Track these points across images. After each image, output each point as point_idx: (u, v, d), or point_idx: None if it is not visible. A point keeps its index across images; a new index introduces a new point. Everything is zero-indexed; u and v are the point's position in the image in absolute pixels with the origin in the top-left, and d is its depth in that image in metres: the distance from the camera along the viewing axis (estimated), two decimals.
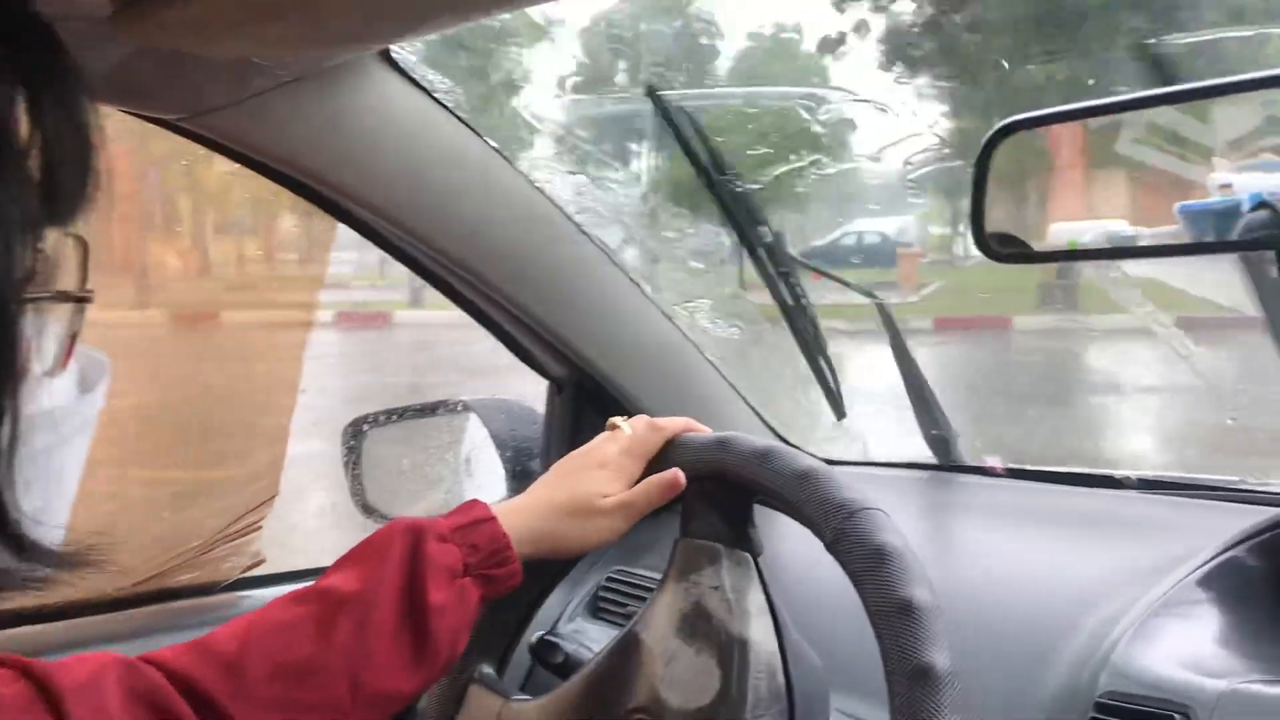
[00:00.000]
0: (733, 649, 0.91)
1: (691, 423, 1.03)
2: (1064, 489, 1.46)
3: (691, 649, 0.93)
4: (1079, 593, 1.14)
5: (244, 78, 1.11)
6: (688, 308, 1.61)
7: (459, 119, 1.30)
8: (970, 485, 1.53)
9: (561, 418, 1.59)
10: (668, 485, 0.98)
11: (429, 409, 1.64)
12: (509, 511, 0.95)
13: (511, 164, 1.36)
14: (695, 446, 0.99)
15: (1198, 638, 1.04)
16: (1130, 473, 1.40)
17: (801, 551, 0.95)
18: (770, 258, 1.51)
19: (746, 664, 0.90)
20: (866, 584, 0.81)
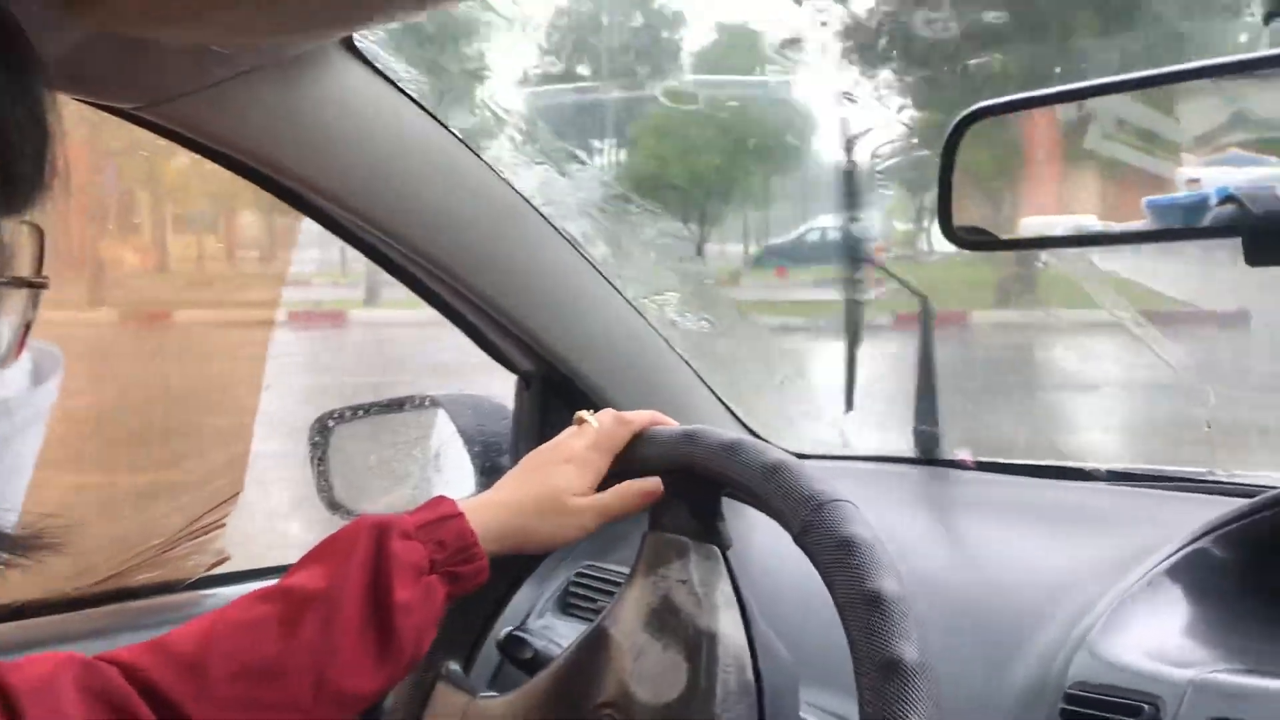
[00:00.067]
0: (701, 643, 0.90)
1: (658, 416, 1.02)
2: (1033, 481, 1.47)
3: (660, 643, 0.92)
4: (1048, 584, 1.14)
5: (203, 66, 1.09)
6: (656, 301, 1.60)
7: (424, 109, 1.28)
8: (940, 479, 1.53)
9: (530, 412, 1.58)
10: (645, 493, 0.97)
11: (395, 404, 1.62)
12: (476, 508, 0.94)
13: (477, 155, 1.34)
14: (662, 440, 0.98)
15: (1166, 628, 1.04)
16: (1099, 465, 1.41)
17: (771, 545, 0.95)
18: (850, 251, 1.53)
19: (715, 658, 0.89)
20: (835, 576, 0.80)
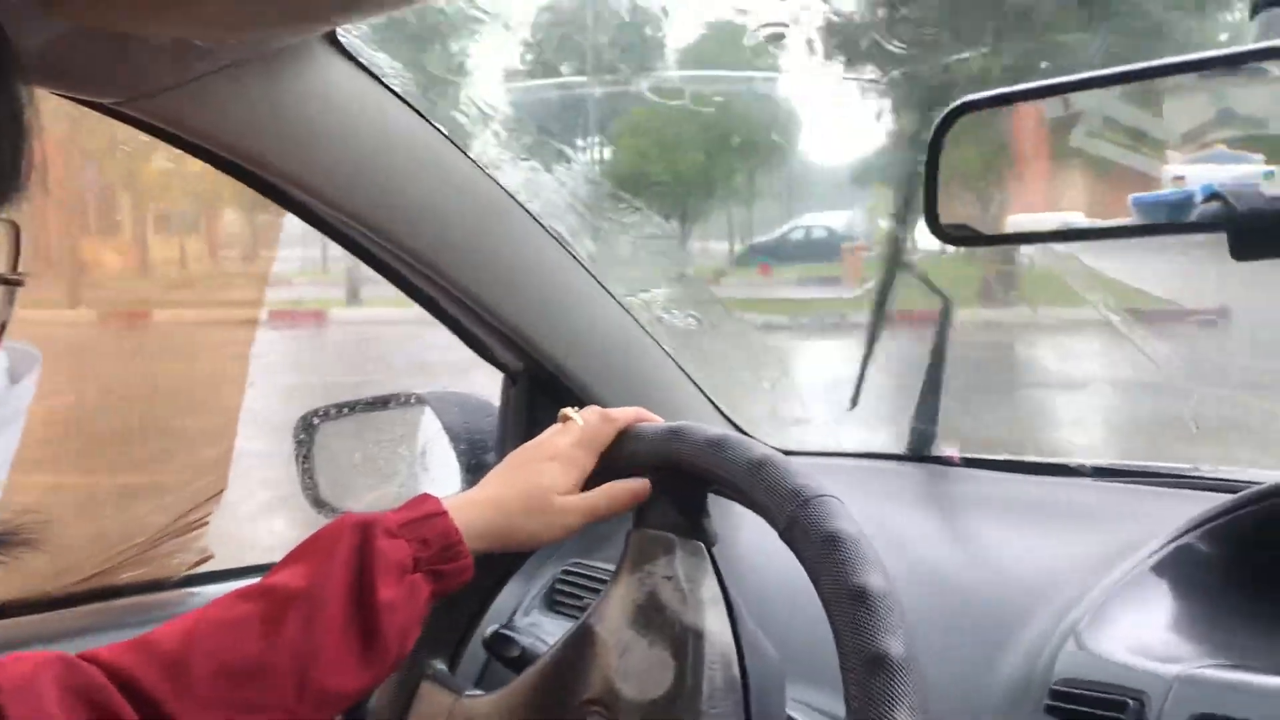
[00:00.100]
0: (687, 640, 0.90)
1: (643, 413, 1.02)
2: (1019, 478, 1.47)
3: (646, 640, 0.91)
4: (1034, 580, 1.14)
5: (184, 60, 1.08)
6: (643, 297, 1.60)
7: (408, 104, 1.27)
8: (927, 475, 1.53)
9: (516, 409, 1.57)
10: (632, 493, 0.96)
11: (381, 402, 1.61)
12: (460, 506, 0.93)
13: (463, 150, 1.33)
14: (648, 437, 0.98)
15: (1152, 624, 1.04)
16: (1085, 461, 1.41)
17: (757, 541, 0.94)
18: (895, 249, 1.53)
19: (701, 654, 0.89)
20: (820, 571, 0.80)
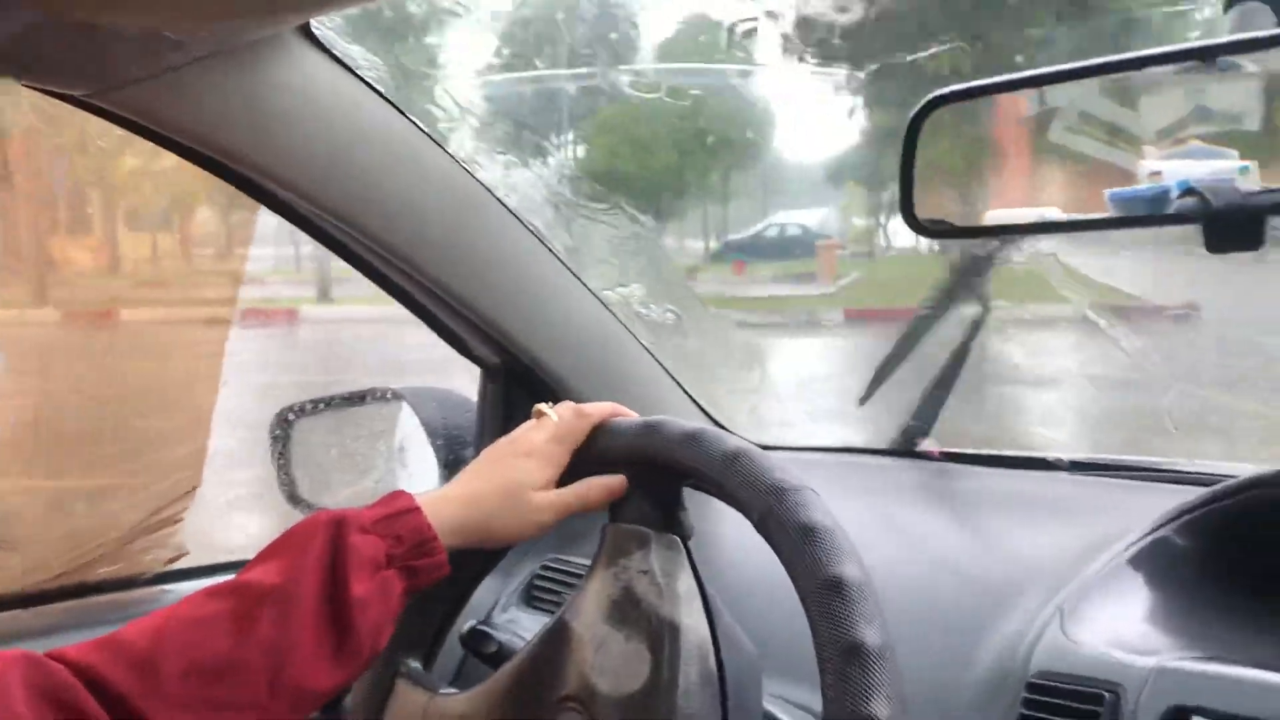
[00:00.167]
0: (663, 634, 0.89)
1: (618, 408, 1.01)
2: (998, 472, 1.47)
3: (621, 635, 0.91)
4: (1011, 573, 1.14)
5: (157, 52, 1.06)
6: (620, 292, 1.59)
7: (384, 97, 1.26)
8: (905, 469, 1.54)
9: (494, 405, 1.56)
10: (607, 489, 0.96)
11: (357, 397, 1.60)
12: (435, 501, 0.93)
13: (439, 144, 1.32)
14: (622, 432, 0.97)
15: (1128, 616, 1.05)
16: (1062, 455, 1.42)
17: (735, 536, 0.94)
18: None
19: (677, 649, 0.89)
20: (795, 562, 0.79)
